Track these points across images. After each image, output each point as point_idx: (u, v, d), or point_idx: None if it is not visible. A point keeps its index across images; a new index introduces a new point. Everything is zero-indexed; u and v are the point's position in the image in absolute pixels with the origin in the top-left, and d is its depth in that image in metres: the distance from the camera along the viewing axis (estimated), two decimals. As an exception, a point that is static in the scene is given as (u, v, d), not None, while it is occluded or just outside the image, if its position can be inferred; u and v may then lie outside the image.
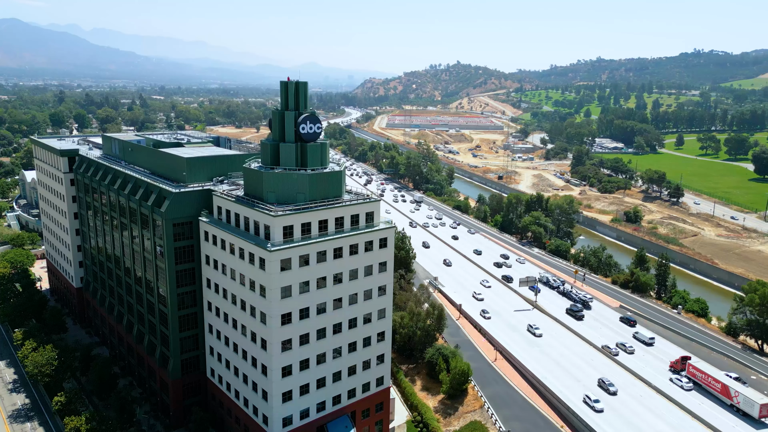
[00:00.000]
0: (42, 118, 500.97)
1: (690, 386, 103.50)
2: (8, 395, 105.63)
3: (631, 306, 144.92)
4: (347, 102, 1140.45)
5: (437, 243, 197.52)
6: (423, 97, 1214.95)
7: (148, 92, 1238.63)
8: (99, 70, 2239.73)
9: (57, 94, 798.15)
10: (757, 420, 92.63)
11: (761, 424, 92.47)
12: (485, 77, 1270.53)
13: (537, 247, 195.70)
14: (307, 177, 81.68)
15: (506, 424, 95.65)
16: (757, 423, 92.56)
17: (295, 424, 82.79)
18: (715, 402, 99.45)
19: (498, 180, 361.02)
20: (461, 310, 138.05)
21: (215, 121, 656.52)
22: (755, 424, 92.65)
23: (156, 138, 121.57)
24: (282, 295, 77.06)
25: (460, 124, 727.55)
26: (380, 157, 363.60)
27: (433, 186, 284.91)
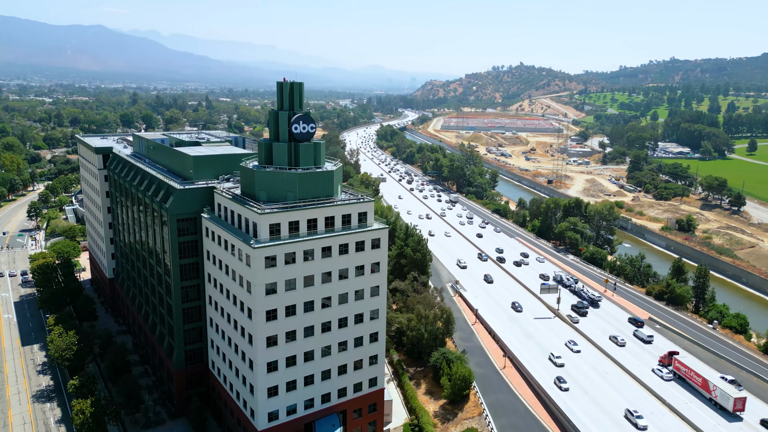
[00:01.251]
0: (113, 118, 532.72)
1: (670, 377, 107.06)
2: (35, 377, 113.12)
3: (661, 318, 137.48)
4: (405, 104, 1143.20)
5: (461, 240, 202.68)
6: (483, 99, 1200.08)
7: (217, 94, 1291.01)
8: (174, 74, 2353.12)
9: (131, 96, 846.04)
10: (731, 413, 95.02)
11: (735, 417, 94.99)
12: (548, 79, 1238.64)
13: (572, 254, 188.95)
14: (296, 176, 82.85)
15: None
16: (731, 416, 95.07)
17: (282, 419, 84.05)
18: (695, 395, 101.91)
19: (547, 184, 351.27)
20: (478, 315, 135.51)
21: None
22: (729, 417, 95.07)
23: (179, 137, 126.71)
24: (267, 292, 78.51)
25: (518, 126, 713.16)
26: (426, 159, 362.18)
27: (474, 189, 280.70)
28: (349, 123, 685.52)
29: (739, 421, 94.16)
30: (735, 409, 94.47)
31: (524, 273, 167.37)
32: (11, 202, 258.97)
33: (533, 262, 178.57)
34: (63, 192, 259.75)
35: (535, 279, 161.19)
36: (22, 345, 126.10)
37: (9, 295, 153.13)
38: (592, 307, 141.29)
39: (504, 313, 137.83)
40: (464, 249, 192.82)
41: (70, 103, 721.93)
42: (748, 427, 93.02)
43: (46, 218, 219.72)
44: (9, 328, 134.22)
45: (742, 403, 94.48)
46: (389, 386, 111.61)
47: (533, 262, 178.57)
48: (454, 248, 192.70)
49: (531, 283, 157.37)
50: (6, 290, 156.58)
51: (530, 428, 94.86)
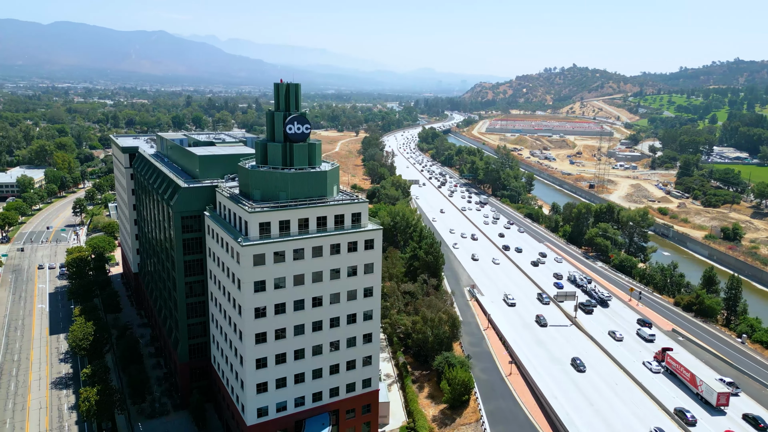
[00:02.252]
0: (166, 120, 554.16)
1: (659, 369, 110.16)
2: (57, 364, 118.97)
3: (686, 330, 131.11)
4: (452, 107, 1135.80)
5: (484, 241, 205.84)
6: (532, 102, 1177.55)
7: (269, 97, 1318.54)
8: (230, 77, 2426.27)
9: (186, 99, 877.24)
10: (714, 407, 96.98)
11: (718, 411, 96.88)
12: (602, 81, 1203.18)
13: (601, 261, 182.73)
14: (288, 175, 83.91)
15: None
16: (715, 410, 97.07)
17: (271, 415, 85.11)
18: (684, 390, 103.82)
19: (589, 189, 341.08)
20: (491, 320, 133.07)
21: (319, 125, 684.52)
22: (713, 410, 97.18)
23: (197, 137, 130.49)
24: (255, 289, 79.76)
25: (566, 129, 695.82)
26: (464, 161, 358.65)
27: (508, 192, 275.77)
28: (392, 125, 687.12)
29: (722, 415, 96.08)
30: (718, 404, 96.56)
31: (539, 273, 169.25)
32: (61, 198, 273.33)
33: (551, 261, 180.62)
34: (109, 190, 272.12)
35: (549, 278, 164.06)
36: (50, 334, 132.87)
37: (46, 287, 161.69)
38: (601, 307, 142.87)
39: (519, 319, 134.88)
40: (485, 248, 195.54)
41: (129, 106, 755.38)
42: (730, 421, 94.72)
43: (90, 214, 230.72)
44: (41, 317, 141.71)
45: (726, 398, 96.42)
46: (392, 388, 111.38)
47: (551, 261, 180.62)
48: (476, 249, 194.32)
49: (545, 282, 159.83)
50: (44, 282, 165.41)
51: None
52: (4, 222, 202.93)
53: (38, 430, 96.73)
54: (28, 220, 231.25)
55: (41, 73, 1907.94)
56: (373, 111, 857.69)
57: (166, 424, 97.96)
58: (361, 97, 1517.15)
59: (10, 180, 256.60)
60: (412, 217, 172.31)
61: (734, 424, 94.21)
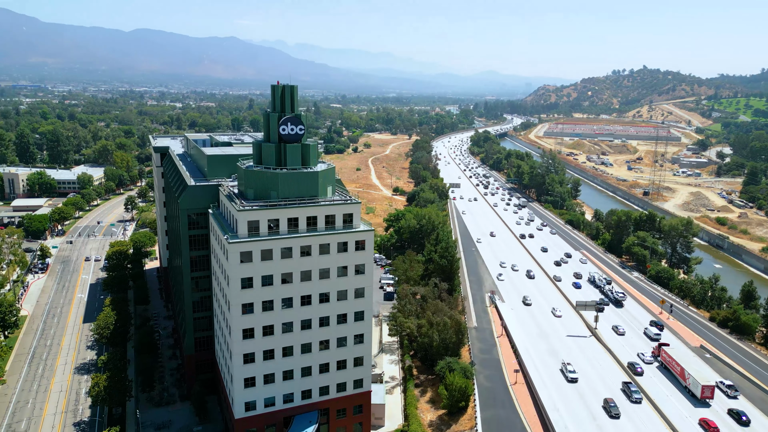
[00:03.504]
0: (226, 122, 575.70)
1: (650, 360, 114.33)
2: (83, 351, 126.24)
3: (717, 347, 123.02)
4: (512, 110, 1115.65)
5: (514, 243, 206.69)
6: (598, 105, 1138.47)
7: (330, 101, 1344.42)
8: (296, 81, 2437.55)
9: (249, 102, 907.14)
10: (699, 399, 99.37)
11: (703, 403, 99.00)
12: (674, 83, 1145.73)
13: (638, 272, 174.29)
14: (278, 175, 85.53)
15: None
16: (699, 402, 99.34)
17: (259, 410, 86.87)
18: (674, 383, 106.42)
19: (642, 196, 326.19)
20: (506, 328, 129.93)
21: (374, 128, 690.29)
22: (698, 402, 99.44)
23: (218, 138, 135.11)
24: (242, 286, 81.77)
25: (629, 134, 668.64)
26: (511, 166, 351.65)
27: (552, 197, 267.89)
28: (446, 129, 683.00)
29: (707, 407, 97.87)
30: (703, 396, 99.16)
31: (561, 272, 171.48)
32: (118, 195, 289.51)
33: (574, 262, 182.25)
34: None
35: (570, 277, 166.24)
36: (83, 322, 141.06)
37: (88, 277, 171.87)
38: (615, 306, 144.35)
39: (536, 328, 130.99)
40: (513, 250, 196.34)
41: (196, 109, 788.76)
42: (712, 413, 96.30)
43: (140, 211, 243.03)
44: (78, 306, 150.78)
45: (711, 391, 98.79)
46: (395, 391, 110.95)
47: (574, 262, 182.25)
48: (504, 251, 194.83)
49: (564, 282, 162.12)
50: (87, 273, 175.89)
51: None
52: (60, 216, 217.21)
53: (55, 410, 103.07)
54: (85, 215, 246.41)
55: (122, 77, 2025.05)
56: (430, 114, 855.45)
57: (170, 413, 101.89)
58: (421, 100, 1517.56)
59: (72, 177, 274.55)
60: (438, 219, 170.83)
61: (716, 415, 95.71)
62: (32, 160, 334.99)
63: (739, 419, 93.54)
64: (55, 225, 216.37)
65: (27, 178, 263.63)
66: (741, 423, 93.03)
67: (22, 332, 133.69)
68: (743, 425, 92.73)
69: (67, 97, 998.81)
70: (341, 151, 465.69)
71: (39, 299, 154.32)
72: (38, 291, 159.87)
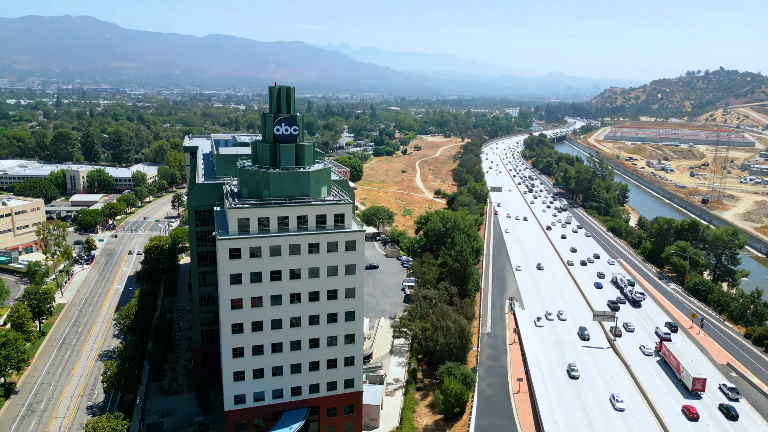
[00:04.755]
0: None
1: (650, 352, 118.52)
2: (109, 339, 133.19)
3: (747, 366, 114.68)
4: (575, 113, 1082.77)
5: (545, 245, 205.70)
6: (668, 108, 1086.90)
7: (390, 103, 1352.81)
8: (357, 84, 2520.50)
9: (308, 105, 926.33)
10: (690, 391, 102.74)
11: (694, 395, 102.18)
12: (753, 85, 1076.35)
13: (675, 283, 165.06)
14: (270, 174, 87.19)
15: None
16: (690, 393, 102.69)
17: (249, 404, 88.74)
18: (670, 376, 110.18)
19: (701, 204, 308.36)
20: (519, 336, 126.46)
21: (428, 130, 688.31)
22: (688, 394, 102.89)
23: (241, 138, 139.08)
24: (231, 281, 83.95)
25: (698, 138, 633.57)
26: (559, 170, 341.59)
27: (597, 203, 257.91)
28: (500, 131, 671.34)
29: (697, 399, 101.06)
30: (694, 388, 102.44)
31: (585, 273, 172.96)
32: (170, 193, 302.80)
33: (602, 263, 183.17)
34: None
35: (593, 278, 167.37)
36: (115, 312, 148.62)
37: (128, 270, 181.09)
38: (633, 307, 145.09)
39: (552, 336, 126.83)
40: (543, 252, 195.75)
41: (258, 111, 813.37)
42: (702, 404, 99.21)
43: (185, 208, 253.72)
44: (114, 296, 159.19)
45: (702, 384, 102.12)
46: (397, 393, 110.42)
47: (602, 263, 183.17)
48: (535, 252, 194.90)
49: (587, 283, 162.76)
50: (128, 265, 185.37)
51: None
52: (111, 211, 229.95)
53: (73, 394, 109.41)
54: (136, 211, 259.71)
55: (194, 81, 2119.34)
56: (487, 117, 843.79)
57: (175, 402, 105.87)
58: (481, 103, 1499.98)
59: (127, 175, 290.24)
60: (465, 223, 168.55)
61: (705, 407, 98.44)
62: (96, 158, 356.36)
63: (728, 413, 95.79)
64: (106, 220, 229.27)
65: (87, 175, 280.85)
66: (729, 417, 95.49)
67: (58, 319, 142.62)
68: (731, 419, 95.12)
69: (141, 100, 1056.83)
70: (390, 154, 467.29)
71: (79, 289, 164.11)
72: (80, 281, 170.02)
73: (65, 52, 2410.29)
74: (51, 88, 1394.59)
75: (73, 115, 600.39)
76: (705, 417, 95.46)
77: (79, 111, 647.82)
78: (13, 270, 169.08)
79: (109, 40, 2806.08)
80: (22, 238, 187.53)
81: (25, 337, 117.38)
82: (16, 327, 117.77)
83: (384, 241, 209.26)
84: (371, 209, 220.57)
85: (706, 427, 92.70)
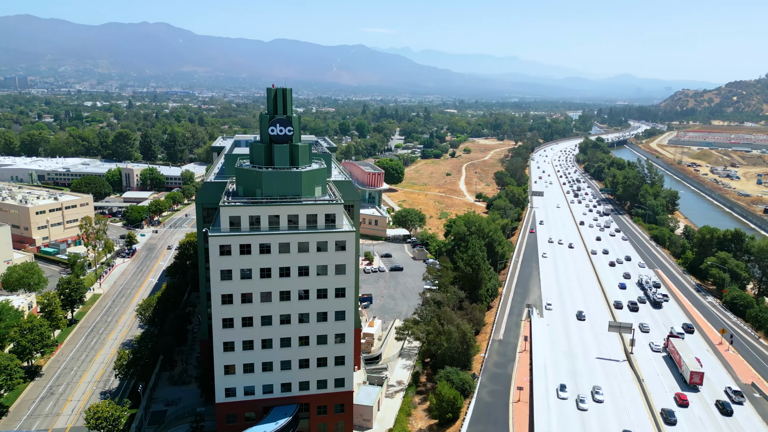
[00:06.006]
0: (333, 127, 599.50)
1: (658, 348, 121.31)
2: (134, 329, 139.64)
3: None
4: (641, 116, 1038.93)
5: (578, 249, 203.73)
6: (744, 112, 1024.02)
7: (448, 105, 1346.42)
8: (417, 87, 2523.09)
9: (362, 108, 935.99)
10: (687, 384, 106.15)
11: (692, 388, 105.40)
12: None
13: (713, 296, 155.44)
14: (262, 174, 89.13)
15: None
16: (688, 386, 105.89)
17: (239, 397, 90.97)
18: (673, 370, 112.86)
19: (763, 213, 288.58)
20: (531, 344, 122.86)
21: (481, 133, 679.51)
22: (686, 386, 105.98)
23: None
24: (222, 277, 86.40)
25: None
26: (609, 175, 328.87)
27: (643, 210, 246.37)
28: (556, 135, 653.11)
29: (694, 392, 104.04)
30: (691, 381, 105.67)
31: (611, 274, 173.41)
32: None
33: (631, 265, 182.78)
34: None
35: (619, 278, 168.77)
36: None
37: (164, 264, 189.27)
38: (654, 308, 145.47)
39: (566, 345, 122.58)
40: (575, 257, 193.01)
41: (316, 114, 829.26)
42: (698, 397, 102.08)
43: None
44: (147, 289, 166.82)
45: (699, 377, 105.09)
46: (398, 395, 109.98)
47: (631, 265, 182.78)
48: (566, 256, 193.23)
49: (612, 284, 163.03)
50: (165, 260, 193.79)
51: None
52: (156, 208, 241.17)
53: (91, 379, 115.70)
54: (182, 209, 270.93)
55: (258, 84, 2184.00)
56: (546, 120, 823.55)
57: (182, 392, 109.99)
58: (543, 105, 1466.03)
59: (177, 173, 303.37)
60: (488, 227, 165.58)
61: (701, 400, 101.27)
62: (153, 157, 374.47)
63: (724, 409, 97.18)
64: (152, 216, 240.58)
65: (140, 173, 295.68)
66: (724, 413, 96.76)
67: (91, 308, 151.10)
68: (726, 414, 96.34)
69: (207, 102, 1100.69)
70: (438, 156, 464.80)
71: (117, 280, 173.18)
72: (119, 273, 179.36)
73: (142, 56, 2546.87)
74: (127, 91, 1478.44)
75: (140, 116, 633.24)
76: (698, 408, 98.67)
77: (146, 113, 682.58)
78: (59, 261, 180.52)
79: (182, 45, 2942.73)
80: (71, 231, 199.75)
81: (54, 324, 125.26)
82: (46, 314, 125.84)
83: (414, 243, 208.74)
84: (403, 211, 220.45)
85: (693, 414, 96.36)
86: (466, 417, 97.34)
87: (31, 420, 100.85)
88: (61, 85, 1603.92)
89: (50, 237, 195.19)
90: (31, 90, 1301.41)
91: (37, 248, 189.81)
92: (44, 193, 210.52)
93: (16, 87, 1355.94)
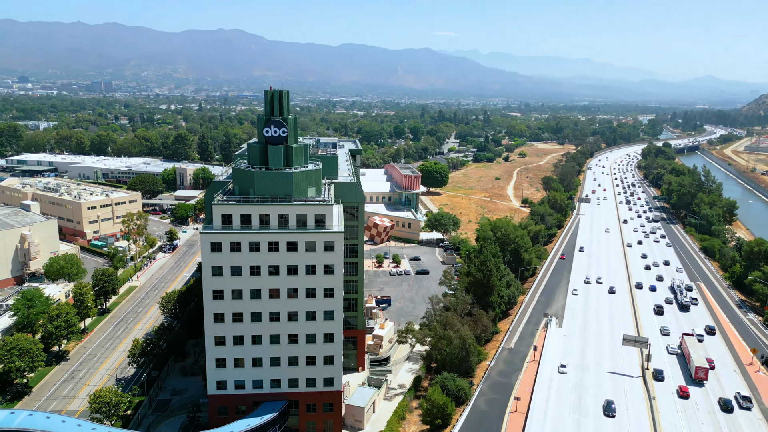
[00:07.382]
0: (388, 130, 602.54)
1: (674, 348, 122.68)
2: (160, 320, 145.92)
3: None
4: (720, 120, 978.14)
5: (617, 253, 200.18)
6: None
7: (512, 109, 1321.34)
8: (483, 90, 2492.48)
9: (421, 111, 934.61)
10: (693, 378, 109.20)
11: (697, 382, 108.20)
12: None
13: (755, 313, 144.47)
14: (255, 174, 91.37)
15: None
16: (694, 381, 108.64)
17: (230, 390, 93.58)
18: (682, 366, 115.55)
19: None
20: (541, 354, 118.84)
21: (540, 137, 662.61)
22: (692, 381, 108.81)
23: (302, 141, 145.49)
24: (213, 273, 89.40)
25: None
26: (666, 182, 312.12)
27: (695, 220, 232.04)
28: (620, 139, 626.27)
29: (699, 387, 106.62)
30: (696, 376, 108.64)
31: (645, 278, 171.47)
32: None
33: (668, 269, 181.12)
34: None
35: (652, 281, 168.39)
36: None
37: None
38: (681, 311, 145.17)
39: (579, 357, 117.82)
40: (609, 262, 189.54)
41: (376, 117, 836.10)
42: (701, 393, 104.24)
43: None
44: (180, 283, 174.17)
45: (705, 373, 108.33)
46: (396, 399, 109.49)
47: (668, 269, 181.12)
48: (601, 263, 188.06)
49: (645, 288, 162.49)
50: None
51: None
52: (202, 206, 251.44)
53: (110, 366, 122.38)
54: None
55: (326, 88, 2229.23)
56: (612, 124, 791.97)
57: (189, 382, 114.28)
58: (613, 109, 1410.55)
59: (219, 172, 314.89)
60: (515, 233, 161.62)
61: (704, 396, 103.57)
62: (210, 158, 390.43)
63: (725, 407, 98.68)
64: (197, 213, 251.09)
65: (193, 173, 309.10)
66: (725, 410, 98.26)
67: (126, 299, 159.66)
68: (726, 412, 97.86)
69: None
70: (490, 160, 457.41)
71: (154, 274, 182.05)
72: (158, 267, 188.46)
73: (217, 62, 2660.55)
74: (201, 94, 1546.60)
75: (206, 118, 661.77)
76: (699, 401, 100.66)
77: (212, 115, 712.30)
78: (105, 254, 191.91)
79: (255, 50, 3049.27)
80: (120, 226, 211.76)
81: (84, 313, 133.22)
82: (77, 303, 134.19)
83: (446, 247, 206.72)
84: (437, 215, 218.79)
85: (692, 406, 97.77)
86: (457, 424, 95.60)
87: (49, 401, 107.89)
88: (142, 89, 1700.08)
89: (100, 231, 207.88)
90: (114, 93, 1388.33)
91: (88, 241, 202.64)
92: (98, 190, 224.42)
93: (101, 90, 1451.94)
